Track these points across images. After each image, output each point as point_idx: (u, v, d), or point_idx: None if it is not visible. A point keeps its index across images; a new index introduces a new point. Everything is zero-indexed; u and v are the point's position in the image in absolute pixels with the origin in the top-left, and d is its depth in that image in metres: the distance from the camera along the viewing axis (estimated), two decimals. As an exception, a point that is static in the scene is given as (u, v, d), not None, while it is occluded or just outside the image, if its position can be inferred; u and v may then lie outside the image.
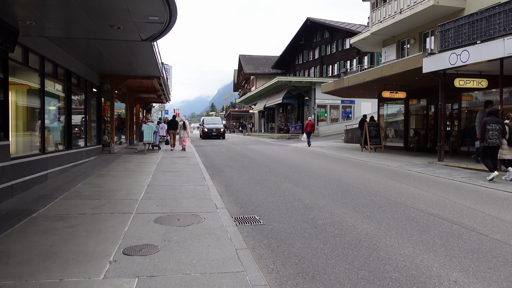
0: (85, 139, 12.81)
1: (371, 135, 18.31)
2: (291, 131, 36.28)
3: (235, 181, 9.93)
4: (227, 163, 13.83)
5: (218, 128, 32.87)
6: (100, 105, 15.07)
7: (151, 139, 16.23)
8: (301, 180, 9.85)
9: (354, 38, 23.38)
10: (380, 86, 18.18)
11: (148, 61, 12.38)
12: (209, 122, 35.14)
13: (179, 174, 10.63)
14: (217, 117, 39.74)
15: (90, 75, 13.49)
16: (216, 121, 35.89)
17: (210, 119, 37.13)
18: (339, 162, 14.18)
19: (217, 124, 34.14)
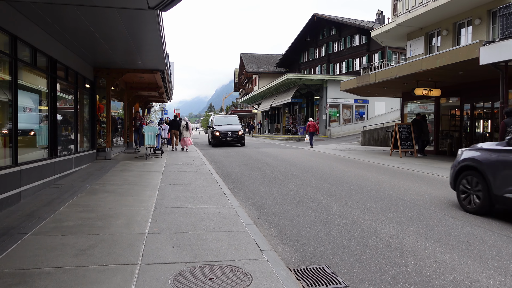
0: (75, 143, 10.65)
1: (402, 137, 16.21)
2: (299, 132, 34.17)
3: (265, 198, 7.80)
4: (244, 172, 11.70)
5: (235, 131, 23.07)
6: (94, 103, 12.91)
7: (153, 143, 14.08)
8: (350, 198, 7.73)
9: (376, 31, 21.31)
10: (412, 83, 16.10)
11: (152, 49, 10.25)
12: (222, 122, 24.82)
13: (192, 188, 8.49)
14: (232, 115, 28.63)
15: (82, 67, 11.34)
16: (232, 120, 25.22)
17: (222, 118, 26.19)
18: (376, 170, 12.07)
19: (233, 125, 24.11)
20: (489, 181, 5.96)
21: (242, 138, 23.39)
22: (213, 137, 23.41)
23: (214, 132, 23.01)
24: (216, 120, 25.36)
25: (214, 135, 22.97)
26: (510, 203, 5.65)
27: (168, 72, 15.27)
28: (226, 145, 23.39)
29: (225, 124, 24.24)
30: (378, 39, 22.12)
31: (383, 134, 25.34)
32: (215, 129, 23.30)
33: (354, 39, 41.72)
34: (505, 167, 5.75)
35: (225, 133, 22.81)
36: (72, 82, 10.48)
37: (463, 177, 6.63)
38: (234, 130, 23.09)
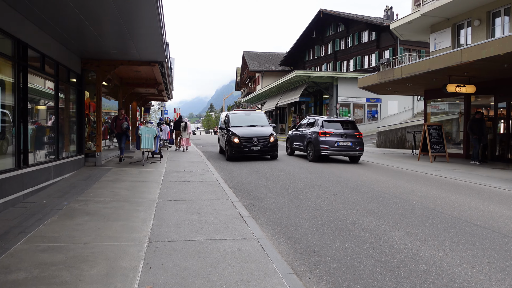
0: (56, 148, 8.81)
1: (432, 140, 14.37)
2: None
3: (295, 223, 5.95)
4: (259, 182, 9.86)
5: (264, 136, 14.63)
6: (81, 100, 11.08)
7: (151, 146, 12.23)
8: (407, 223, 5.88)
9: (396, 22, 19.48)
10: (443, 78, 14.29)
11: (148, 33, 8.44)
12: (242, 121, 15.90)
13: (198, 206, 6.66)
14: (257, 112, 18.44)
15: (64, 56, 9.51)
16: (257, 119, 16.37)
17: (242, 115, 16.86)
18: (414, 179, 10.23)
19: (260, 126, 15.49)
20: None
21: (275, 147, 14.59)
22: (229, 144, 14.59)
23: (231, 138, 14.44)
24: (234, 118, 15.84)
25: (231, 142, 14.41)
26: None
27: (168, 65, 13.45)
28: (249, 158, 14.91)
29: (247, 124, 15.39)
30: (398, 31, 20.27)
31: (399, 136, 23.54)
32: (232, 132, 14.59)
33: (363, 35, 39.93)
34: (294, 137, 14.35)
35: (248, 139, 14.28)
36: (52, 73, 8.65)
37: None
38: (263, 135, 14.40)
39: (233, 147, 14.43)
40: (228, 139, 14.80)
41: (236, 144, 14.34)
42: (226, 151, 15.24)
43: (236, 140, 14.36)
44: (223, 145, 16.33)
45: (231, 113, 16.90)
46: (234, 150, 14.43)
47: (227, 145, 14.82)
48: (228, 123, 15.72)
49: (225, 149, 15.60)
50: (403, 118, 30.76)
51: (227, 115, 16.67)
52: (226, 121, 16.44)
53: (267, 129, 15.21)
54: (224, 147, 15.80)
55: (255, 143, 14.34)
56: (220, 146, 18.40)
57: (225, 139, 15.34)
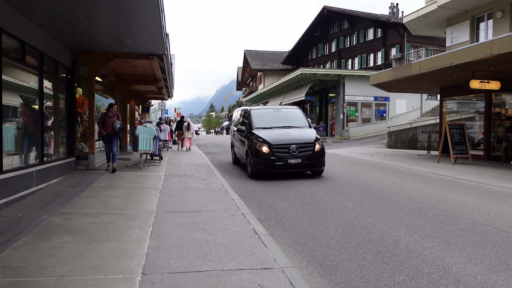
0: (40, 151, 7.74)
1: (454, 140, 13.27)
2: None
3: (323, 243, 4.86)
4: (270, 187, 8.77)
5: (306, 144, 9.95)
6: (72, 97, 10.01)
7: (149, 148, 11.15)
8: (463, 245, 4.78)
9: (409, 16, 18.38)
10: (465, 74, 13.20)
11: (146, 21, 7.37)
12: (271, 121, 11.14)
13: (204, 220, 5.58)
14: (291, 107, 12.74)
15: (52, 47, 8.45)
16: (291, 117, 11.55)
17: (270, 112, 11.94)
18: (443, 185, 9.15)
19: (298, 128, 10.87)
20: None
21: (321, 158, 10.07)
22: (253, 155, 9.97)
23: (257, 145, 9.92)
24: (258, 116, 11.26)
25: (258, 152, 9.85)
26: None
27: (168, 59, 12.37)
28: (284, 175, 10.42)
29: (278, 125, 10.85)
30: (411, 26, 19.18)
31: (411, 136, 22.45)
32: (257, 136, 10.13)
33: (368, 32, 38.82)
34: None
35: (283, 147, 9.76)
36: (36, 66, 7.57)
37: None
38: (304, 141, 10.00)
39: (260, 159, 9.67)
40: (252, 147, 9.96)
41: (266, 155, 9.62)
42: (248, 164, 10.28)
43: (265, 149, 9.62)
44: (241, 153, 11.55)
45: (254, 109, 11.76)
46: (263, 164, 9.66)
47: (250, 155, 10.01)
48: (250, 123, 10.92)
49: (246, 161, 10.65)
50: (412, 117, 29.69)
51: (247, 112, 11.59)
52: (244, 120, 11.90)
53: (308, 132, 10.48)
54: (244, 157, 10.86)
55: (294, 153, 9.58)
56: (234, 153, 13.50)
57: (246, 146, 10.52)
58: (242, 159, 11.57)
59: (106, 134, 10.15)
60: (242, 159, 11.61)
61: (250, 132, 10.54)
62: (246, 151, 10.53)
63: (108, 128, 10.11)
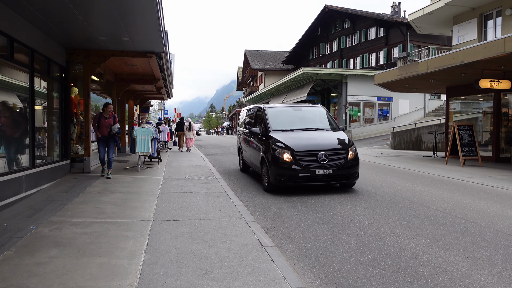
0: (30, 154, 7.29)
1: (463, 142, 12.83)
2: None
3: (336, 257, 4.42)
4: (273, 193, 8.32)
5: (337, 150, 8.08)
6: (67, 96, 9.57)
7: (147, 150, 10.71)
8: (485, 256, 4.34)
9: (415, 14, 17.93)
10: (474, 73, 12.77)
11: (143, 16, 6.93)
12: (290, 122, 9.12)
13: (205, 229, 5.14)
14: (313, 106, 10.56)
15: (45, 45, 8.02)
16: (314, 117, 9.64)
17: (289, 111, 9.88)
18: (451, 188, 8.71)
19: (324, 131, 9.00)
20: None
21: (355, 168, 8.22)
22: (272, 162, 8.01)
23: (277, 152, 8.02)
24: (275, 116, 9.33)
25: (278, 160, 7.94)
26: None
27: (167, 57, 11.92)
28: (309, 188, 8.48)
29: (300, 127, 8.99)
30: (416, 24, 18.74)
31: (415, 136, 22.02)
32: (276, 141, 8.24)
33: (370, 32, 38.40)
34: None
35: (309, 155, 7.91)
36: (26, 64, 7.13)
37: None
38: (334, 146, 8.20)
39: (281, 169, 7.77)
40: (270, 153, 8.04)
41: (287, 164, 7.71)
42: (264, 175, 8.43)
43: (287, 157, 7.75)
44: (253, 160, 9.75)
45: (269, 107, 9.68)
46: (284, 175, 7.74)
47: (267, 164, 8.09)
48: (265, 124, 8.96)
49: (261, 170, 8.74)
50: (415, 117, 29.27)
51: (261, 110, 9.56)
52: (256, 120, 9.95)
53: (338, 136, 8.62)
54: (258, 165, 9.01)
55: (323, 162, 7.70)
56: (242, 159, 11.56)
57: (261, 152, 8.60)
58: (254, 167, 9.75)
59: (102, 137, 9.16)
60: (255, 168, 9.79)
61: (266, 136, 8.57)
62: (262, 159, 8.56)
63: (103, 130, 9.09)
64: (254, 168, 10.04)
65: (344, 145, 8.25)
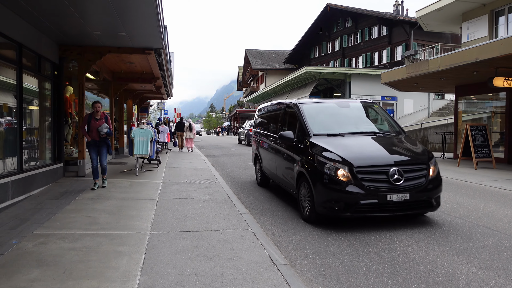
0: (18, 157, 6.74)
1: (476, 143, 12.27)
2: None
3: (360, 279, 3.85)
4: (278, 194, 7.77)
5: (413, 164, 5.62)
6: (60, 95, 9.02)
7: (146, 152, 10.15)
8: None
9: (422, 10, 17.38)
10: (487, 71, 12.21)
11: (140, 10, 6.38)
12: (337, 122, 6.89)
13: (209, 244, 4.59)
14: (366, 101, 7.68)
15: (35, 40, 7.47)
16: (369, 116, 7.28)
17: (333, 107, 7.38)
18: (470, 193, 8.15)
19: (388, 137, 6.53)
20: None
21: (436, 188, 5.65)
22: (319, 182, 5.52)
23: (325, 167, 5.51)
24: (313, 114, 6.84)
25: (325, 176, 5.46)
26: None
27: (166, 54, 11.36)
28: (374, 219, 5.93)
29: (352, 131, 6.56)
30: (424, 21, 18.20)
31: (421, 137, 21.48)
32: (321, 149, 5.81)
33: (373, 30, 37.83)
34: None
35: (377, 172, 5.40)
36: (9, 58, 6.58)
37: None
38: (409, 159, 5.70)
39: (333, 193, 5.42)
40: (316, 168, 5.68)
41: (343, 184, 5.35)
42: (303, 198, 6.03)
43: (342, 175, 5.40)
44: (281, 175, 7.25)
45: (305, 102, 7.24)
46: (339, 201, 5.38)
47: (311, 183, 5.69)
48: (301, 126, 6.61)
49: (297, 191, 6.29)
50: (419, 117, 28.72)
51: (293, 107, 7.17)
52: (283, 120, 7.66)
53: (408, 143, 6.33)
54: (292, 183, 6.56)
55: (397, 182, 5.36)
56: (261, 170, 8.97)
57: (298, 166, 6.22)
58: (284, 185, 7.18)
59: (92, 141, 7.81)
60: (283, 185, 7.24)
61: (306, 142, 6.12)
62: (299, 175, 6.11)
63: (93, 134, 7.76)
64: (282, 186, 7.40)
65: (422, 157, 5.73)
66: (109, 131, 7.79)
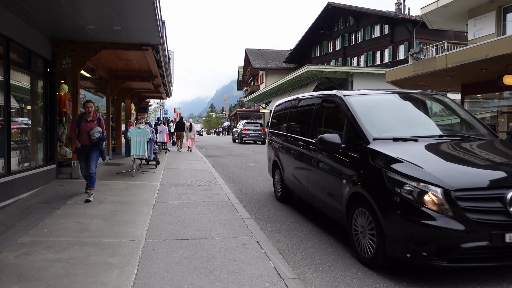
0: (6, 158, 6.34)
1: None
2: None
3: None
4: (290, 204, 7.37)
5: None
6: (53, 93, 8.62)
7: (143, 153, 9.74)
8: None
9: (428, 7, 16.97)
10: (497, 68, 11.83)
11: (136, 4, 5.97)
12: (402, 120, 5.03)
13: (208, 254, 4.19)
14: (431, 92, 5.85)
15: (25, 35, 7.07)
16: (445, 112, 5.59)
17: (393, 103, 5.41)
18: None
19: (480, 141, 4.62)
20: None
21: None
22: (395, 211, 3.65)
23: (403, 190, 3.64)
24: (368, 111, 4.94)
25: (404, 204, 3.60)
26: None
27: (164, 51, 10.96)
28: None
29: (431, 134, 4.66)
30: (429, 18, 17.80)
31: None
32: (390, 158, 3.96)
33: (375, 29, 37.44)
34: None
35: (487, 197, 3.53)
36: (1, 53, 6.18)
37: None
38: None
39: (418, 229, 3.51)
40: (386, 190, 3.79)
41: (433, 215, 3.46)
42: (364, 232, 4.11)
43: (433, 202, 3.50)
44: (325, 196, 5.18)
45: (352, 95, 5.34)
46: (427, 243, 3.49)
47: (378, 211, 3.82)
48: (352, 126, 4.69)
49: (347, 220, 4.47)
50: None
51: (340, 100, 5.17)
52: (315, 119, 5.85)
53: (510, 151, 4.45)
54: (341, 208, 4.59)
55: None
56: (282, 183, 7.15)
57: (348, 183, 4.40)
58: (324, 207, 5.26)
59: (82, 147, 6.73)
60: (323, 208, 5.32)
61: (363, 150, 4.33)
62: (352, 197, 4.34)
63: (84, 138, 6.70)
64: (317, 206, 5.52)
65: None
66: (101, 136, 6.72)
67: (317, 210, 6.13)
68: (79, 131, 6.71)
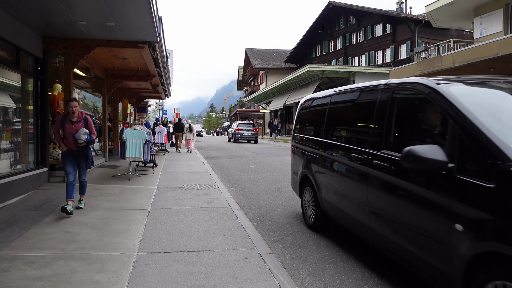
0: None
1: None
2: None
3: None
4: (287, 205, 6.97)
5: None
6: (44, 93, 8.20)
7: (139, 155, 9.34)
8: None
9: (433, 4, 16.58)
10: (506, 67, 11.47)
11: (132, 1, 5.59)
12: None
13: (206, 270, 3.80)
14: None
15: (12, 31, 6.68)
16: None
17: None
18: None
19: None
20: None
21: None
22: None
23: None
24: (488, 109, 2.91)
25: None
26: None
27: (162, 49, 10.55)
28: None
29: None
30: (433, 16, 17.41)
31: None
32: None
33: (376, 28, 37.04)
34: None
35: None
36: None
37: None
38: None
39: None
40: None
41: None
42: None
43: None
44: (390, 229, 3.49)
45: (451, 83, 3.26)
46: None
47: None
48: (476, 135, 2.63)
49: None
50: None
51: (435, 94, 3.08)
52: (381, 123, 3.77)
53: None
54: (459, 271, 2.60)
55: None
56: (321, 206, 5.17)
57: (468, 235, 2.53)
58: (410, 260, 3.23)
59: (68, 151, 5.86)
60: (407, 260, 3.29)
61: (505, 175, 2.37)
62: (474, 260, 2.51)
63: (69, 141, 5.81)
64: (395, 257, 3.49)
65: None
66: (89, 138, 5.79)
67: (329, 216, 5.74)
68: (64, 133, 5.85)
